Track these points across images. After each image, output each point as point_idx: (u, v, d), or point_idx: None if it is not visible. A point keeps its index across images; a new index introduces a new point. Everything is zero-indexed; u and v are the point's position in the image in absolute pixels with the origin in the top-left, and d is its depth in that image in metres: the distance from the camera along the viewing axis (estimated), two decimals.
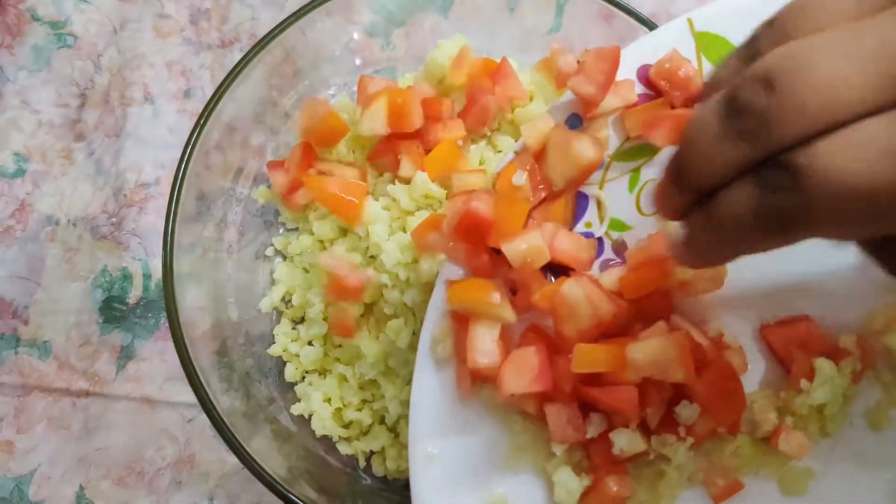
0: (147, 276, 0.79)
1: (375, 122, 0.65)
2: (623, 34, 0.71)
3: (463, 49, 0.69)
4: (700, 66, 0.55)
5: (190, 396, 0.74)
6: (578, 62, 0.57)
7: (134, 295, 0.79)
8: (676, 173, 0.34)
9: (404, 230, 0.64)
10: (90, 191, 0.81)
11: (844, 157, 0.27)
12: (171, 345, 0.63)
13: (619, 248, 0.56)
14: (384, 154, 0.67)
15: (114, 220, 0.80)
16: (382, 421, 0.67)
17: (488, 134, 0.68)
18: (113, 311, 0.78)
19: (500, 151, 0.67)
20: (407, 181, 0.66)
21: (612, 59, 0.54)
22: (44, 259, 0.79)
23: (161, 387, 0.76)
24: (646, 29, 0.67)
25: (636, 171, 0.57)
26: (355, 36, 0.78)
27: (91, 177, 0.81)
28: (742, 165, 0.30)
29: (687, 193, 0.33)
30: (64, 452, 0.75)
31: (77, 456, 0.75)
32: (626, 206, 0.56)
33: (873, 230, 0.30)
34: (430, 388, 0.53)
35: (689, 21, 0.55)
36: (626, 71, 0.55)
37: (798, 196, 0.28)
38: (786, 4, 0.32)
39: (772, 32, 0.32)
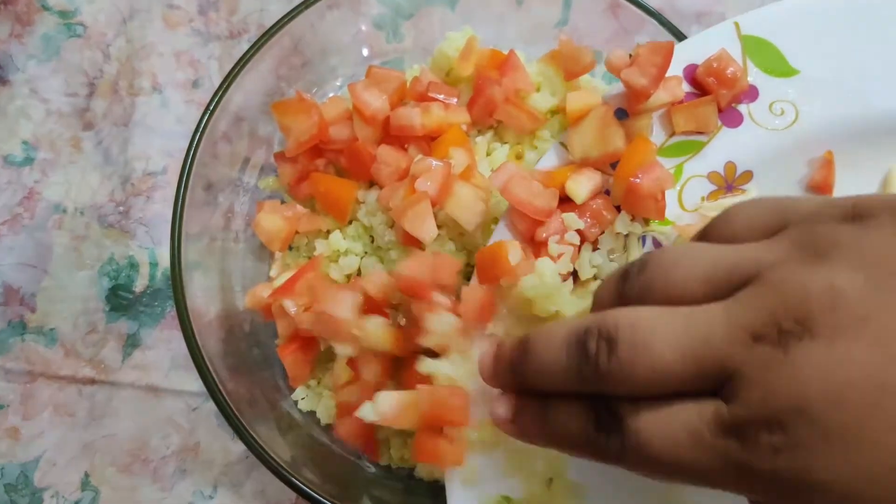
0: (154, 265, 0.79)
1: None
2: (631, 27, 0.72)
3: (470, 40, 0.70)
4: (745, 68, 0.56)
5: (195, 385, 0.74)
6: (630, 55, 0.58)
7: (140, 283, 0.79)
8: (519, 365, 0.40)
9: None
10: (98, 179, 0.81)
11: (659, 430, 0.34)
12: (176, 333, 0.63)
13: (658, 244, 0.57)
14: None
15: (121, 208, 0.80)
16: None
17: (495, 125, 0.68)
18: (119, 299, 0.78)
19: (506, 143, 0.67)
20: None
21: (665, 53, 0.56)
22: (51, 247, 0.80)
23: (166, 375, 0.77)
24: (654, 21, 0.68)
25: (679, 167, 0.58)
26: (363, 27, 0.78)
27: (99, 165, 0.82)
28: (577, 391, 0.37)
29: (519, 384, 0.41)
30: (69, 439, 0.76)
31: (82, 443, 0.75)
32: (669, 201, 0.57)
33: (677, 482, 0.35)
34: None
35: (736, 24, 0.57)
36: (673, 69, 0.56)
37: (618, 443, 0.35)
38: (660, 252, 0.38)
39: (640, 278, 0.37)
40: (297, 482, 0.59)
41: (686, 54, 0.58)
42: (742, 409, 0.32)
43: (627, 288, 0.38)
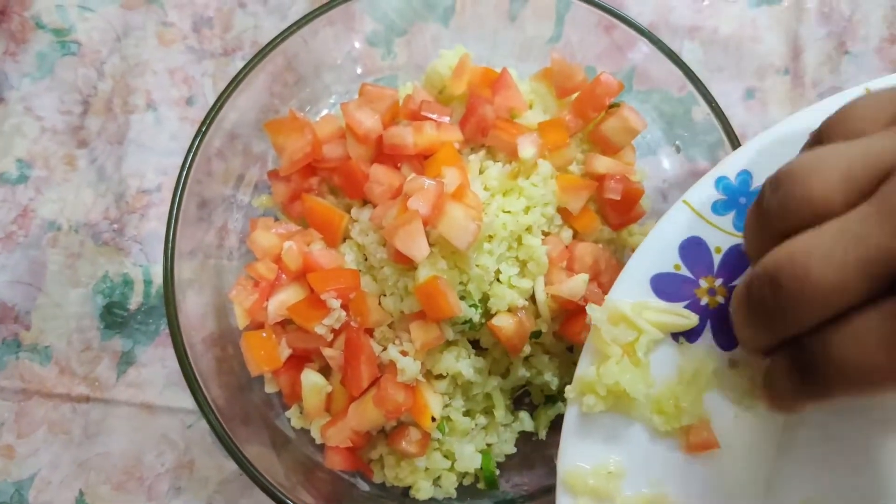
0: (148, 283, 0.79)
1: None
2: (622, 44, 0.72)
3: (463, 58, 0.70)
4: None
5: (190, 402, 0.74)
6: None
7: (135, 301, 0.79)
8: (740, 328, 0.42)
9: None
10: (92, 197, 0.82)
11: (850, 347, 0.34)
12: (171, 351, 0.63)
13: None
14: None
15: (115, 226, 0.80)
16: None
17: (487, 143, 0.69)
18: (114, 316, 0.78)
19: (498, 161, 0.67)
20: None
21: None
22: (45, 265, 0.80)
23: (161, 392, 0.77)
24: (645, 40, 0.68)
25: None
26: (357, 45, 0.79)
27: (93, 183, 0.82)
28: (771, 340, 0.38)
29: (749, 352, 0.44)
30: (64, 457, 0.75)
31: (77, 461, 0.75)
32: None
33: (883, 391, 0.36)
34: None
35: (868, 91, 0.55)
36: (802, 133, 0.55)
37: (819, 371, 0.36)
38: (787, 168, 0.37)
39: (776, 197, 0.37)
40: (290, 502, 0.59)
41: (815, 119, 0.57)
42: None
43: (766, 210, 0.37)
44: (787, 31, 0.86)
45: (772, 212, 0.37)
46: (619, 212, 0.69)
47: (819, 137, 0.39)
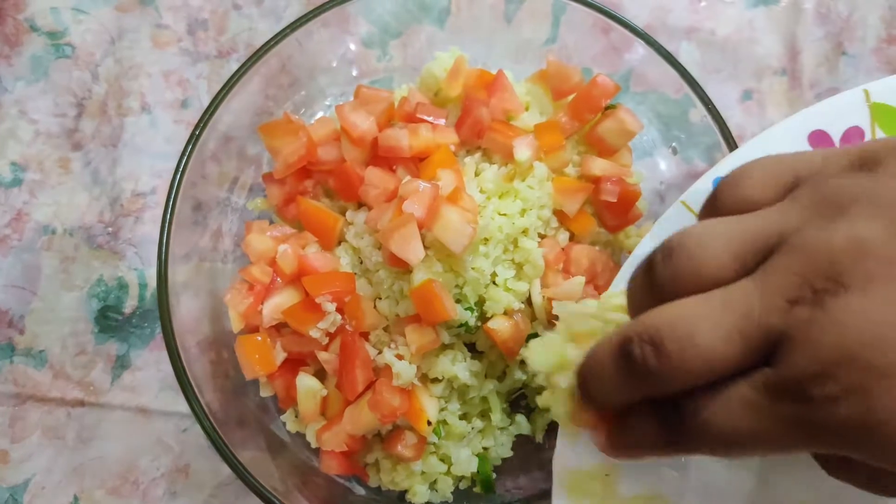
0: (143, 286, 0.79)
1: None
2: (619, 46, 0.72)
3: (458, 60, 0.70)
4: (874, 136, 0.56)
5: (185, 406, 0.73)
6: None
7: (130, 304, 0.79)
8: (585, 392, 0.41)
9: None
10: (87, 200, 0.81)
11: (718, 411, 0.35)
12: (166, 355, 0.63)
13: None
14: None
15: (110, 229, 0.80)
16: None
17: (483, 145, 0.68)
18: (108, 320, 0.78)
19: (494, 163, 0.67)
20: None
21: None
22: (40, 268, 0.79)
23: (156, 396, 0.76)
24: (642, 42, 0.68)
25: None
26: (352, 47, 0.78)
27: (88, 186, 0.81)
28: (635, 398, 0.38)
29: (594, 409, 0.41)
30: (58, 462, 0.75)
31: (72, 466, 0.75)
32: None
33: (753, 455, 0.37)
34: None
35: (866, 92, 0.56)
36: (798, 135, 0.55)
37: (686, 433, 0.36)
38: (681, 235, 0.37)
39: (668, 268, 0.37)
40: None
41: (812, 122, 0.56)
42: (790, 370, 0.33)
43: (656, 277, 0.38)
44: (784, 32, 0.85)
45: (662, 280, 0.37)
46: (616, 214, 0.69)
47: (713, 202, 0.40)
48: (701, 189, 0.54)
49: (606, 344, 0.39)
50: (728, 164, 0.54)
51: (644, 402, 0.38)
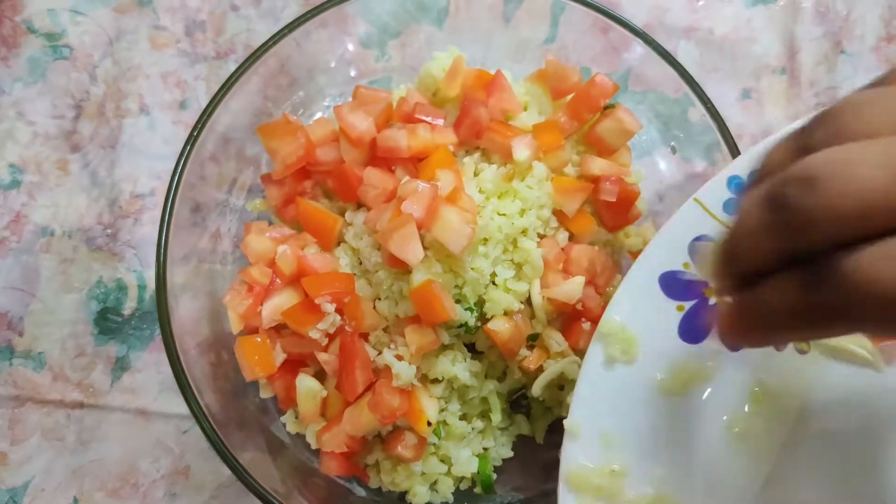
0: (142, 288, 0.79)
1: None
2: (618, 45, 0.72)
3: (457, 60, 0.70)
4: None
5: (185, 408, 0.73)
6: None
7: (129, 306, 0.78)
8: (724, 257, 0.35)
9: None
10: (85, 202, 0.81)
11: (886, 268, 0.29)
12: (165, 356, 0.62)
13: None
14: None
15: (109, 231, 0.80)
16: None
17: (482, 145, 0.68)
18: (108, 322, 0.78)
19: (493, 163, 0.67)
20: None
21: None
22: (39, 270, 0.79)
23: (156, 398, 0.76)
24: (640, 41, 0.68)
25: None
26: (350, 47, 0.78)
27: (86, 188, 0.81)
28: (783, 257, 0.32)
29: (734, 276, 0.35)
30: (58, 464, 0.75)
31: (71, 468, 0.75)
32: None
33: None
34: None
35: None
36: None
37: (842, 296, 0.30)
38: (842, 100, 0.33)
39: (824, 128, 0.32)
40: None
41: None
42: None
43: (811, 139, 0.33)
44: (782, 30, 0.85)
45: (820, 136, 0.32)
46: (615, 213, 0.69)
47: (811, 134, 0.34)
48: (715, 190, 0.53)
49: (753, 195, 0.33)
50: (744, 162, 0.54)
51: (783, 267, 0.33)
